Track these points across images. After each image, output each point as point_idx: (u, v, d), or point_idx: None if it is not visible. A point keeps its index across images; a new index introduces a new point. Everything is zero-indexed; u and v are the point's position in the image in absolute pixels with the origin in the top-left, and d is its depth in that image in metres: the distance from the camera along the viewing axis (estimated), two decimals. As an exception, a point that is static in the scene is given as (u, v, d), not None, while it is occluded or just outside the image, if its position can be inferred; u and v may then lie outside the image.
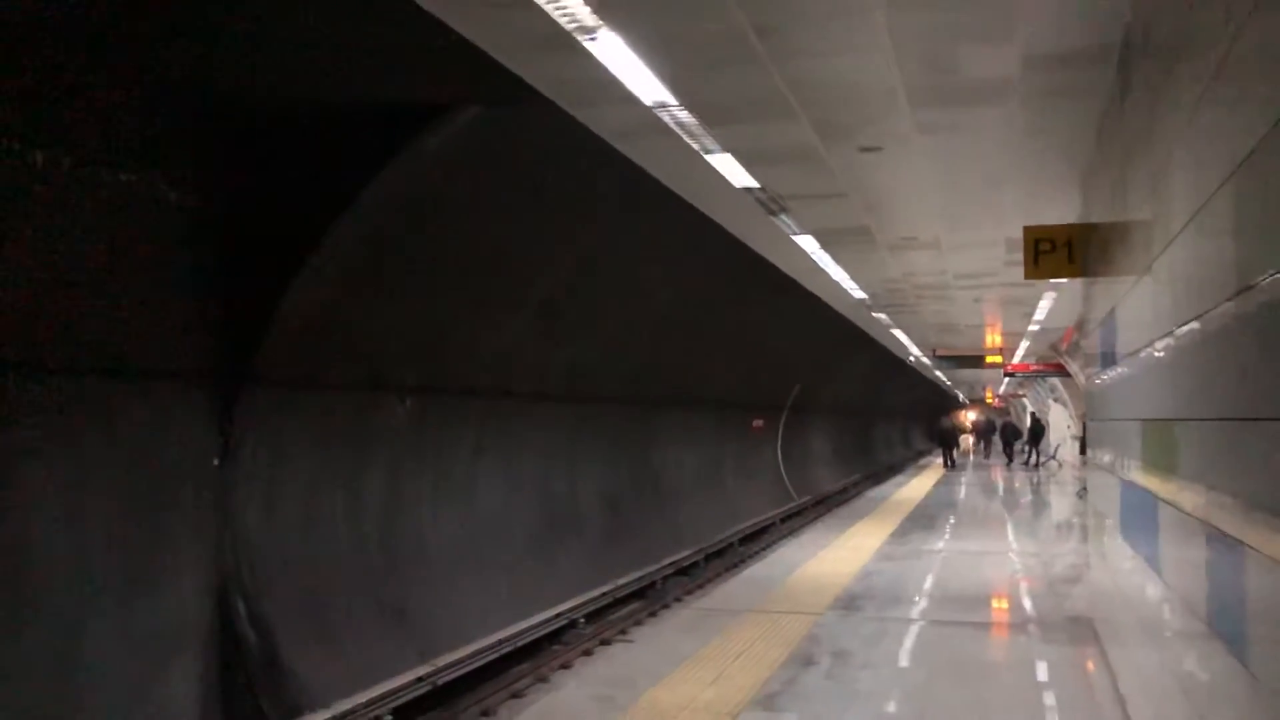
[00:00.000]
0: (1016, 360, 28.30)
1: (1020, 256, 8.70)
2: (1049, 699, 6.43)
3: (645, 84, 6.06)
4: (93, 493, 8.14)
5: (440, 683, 10.25)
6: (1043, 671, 7.08)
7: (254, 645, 9.38)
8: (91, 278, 7.82)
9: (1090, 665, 7.14)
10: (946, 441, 34.93)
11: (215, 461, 9.32)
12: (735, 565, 19.65)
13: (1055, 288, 14.10)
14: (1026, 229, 8.31)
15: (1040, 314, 17.99)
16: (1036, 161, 8.00)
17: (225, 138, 8.76)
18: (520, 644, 12.03)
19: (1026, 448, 34.33)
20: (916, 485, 25.74)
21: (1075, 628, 8.24)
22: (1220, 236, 2.98)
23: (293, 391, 10.01)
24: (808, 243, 11.48)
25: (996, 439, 42.18)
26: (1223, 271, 2.95)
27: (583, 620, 13.73)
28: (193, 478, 9.12)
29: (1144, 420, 4.80)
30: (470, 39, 5.45)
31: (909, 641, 7.96)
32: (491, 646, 11.43)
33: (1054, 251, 8.09)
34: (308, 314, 9.56)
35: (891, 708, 6.21)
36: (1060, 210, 9.25)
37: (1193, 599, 3.66)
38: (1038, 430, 35.17)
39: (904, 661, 7.35)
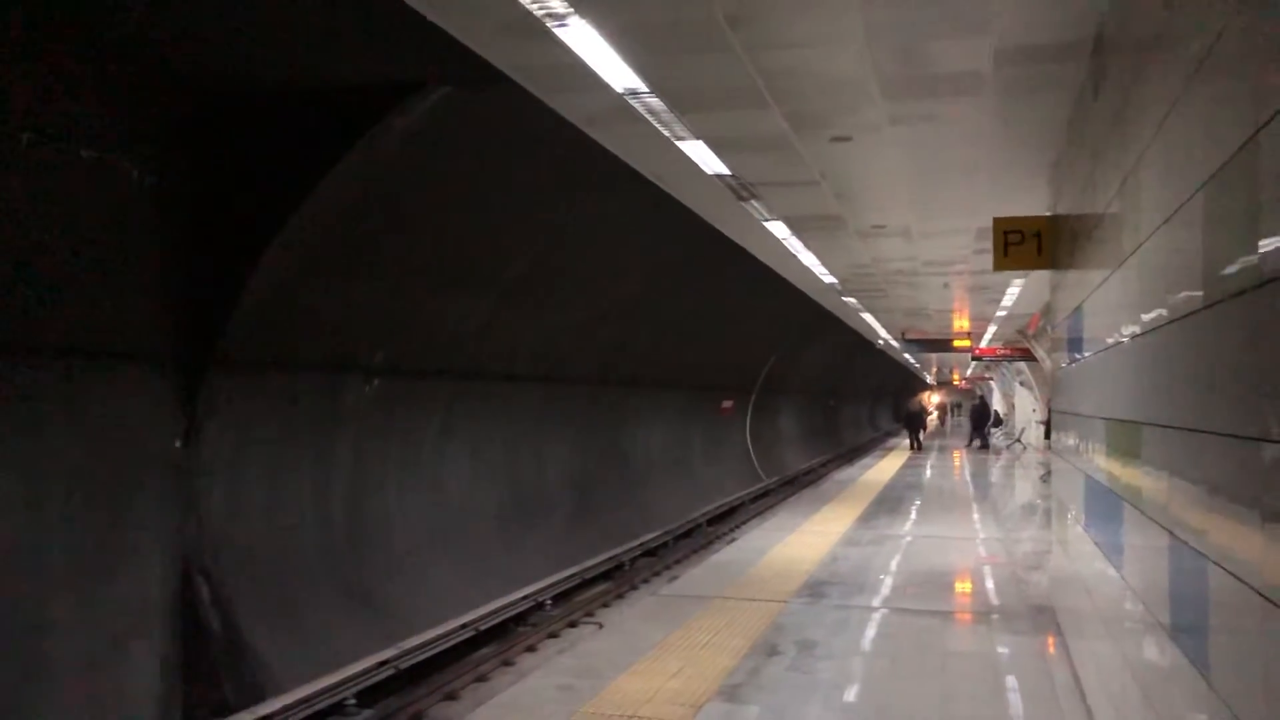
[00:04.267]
0: (984, 344, 28.48)
1: (989, 245, 8.72)
2: (1011, 689, 6.48)
3: (616, 71, 6.00)
4: (52, 475, 8.03)
5: (404, 666, 10.23)
6: (1005, 660, 7.14)
7: (217, 629, 9.32)
8: (50, 257, 7.68)
9: (1051, 655, 7.21)
10: (913, 424, 35.15)
11: (178, 444, 9.22)
12: (703, 547, 19.72)
13: (1023, 275, 14.17)
14: (996, 220, 8.33)
15: (1008, 300, 18.09)
16: (1007, 153, 8.00)
17: (191, 117, 8.63)
18: (487, 626, 12.02)
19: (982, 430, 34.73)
20: (883, 467, 25.90)
21: (1038, 617, 8.31)
22: (1191, 243, 2.98)
23: (257, 373, 9.91)
24: (778, 228, 11.45)
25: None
26: (1191, 278, 2.95)
27: (549, 602, 13.74)
28: (155, 460, 9.03)
29: (1108, 419, 4.83)
30: (439, 23, 5.37)
31: (873, 630, 8.01)
32: (457, 629, 11.41)
33: (1023, 243, 8.11)
34: (273, 295, 9.45)
35: (854, 699, 6.24)
36: (1030, 202, 9.28)
37: (1150, 599, 3.68)
38: (984, 413, 35.65)
39: (868, 651, 7.39)
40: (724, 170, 8.55)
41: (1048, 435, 19.80)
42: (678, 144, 7.68)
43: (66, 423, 8.11)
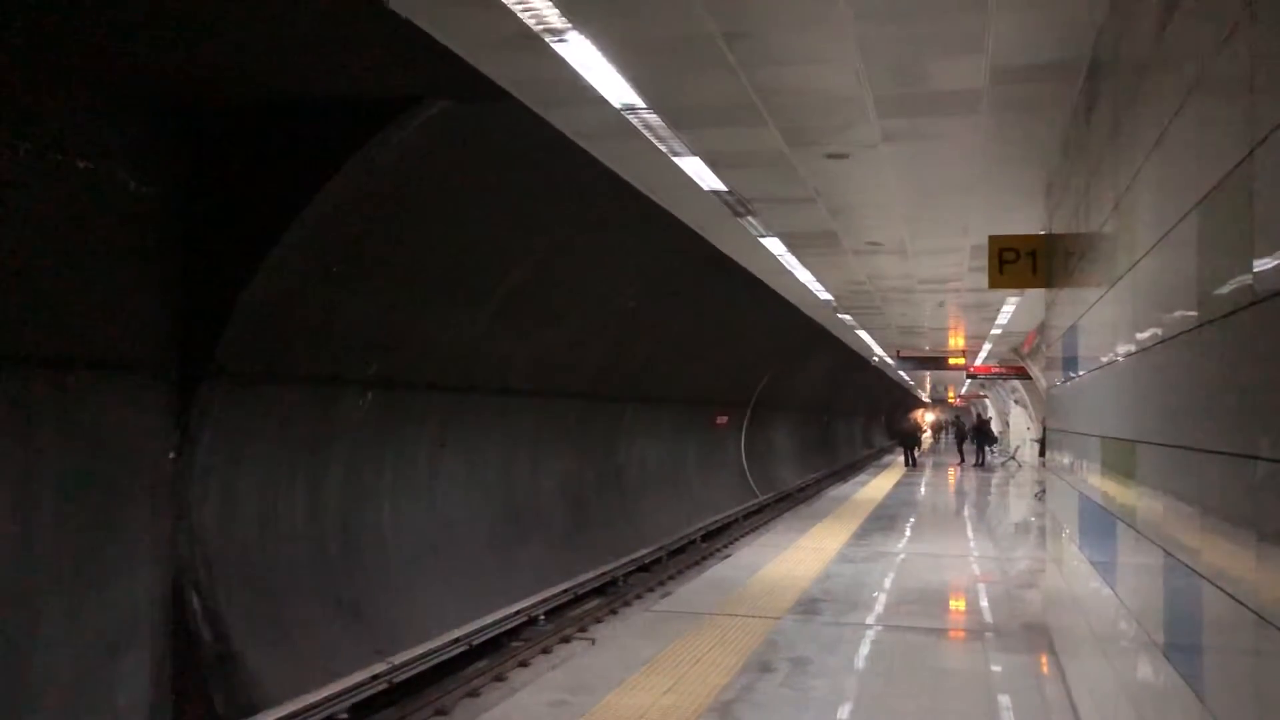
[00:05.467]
0: (979, 362, 28.51)
1: (984, 263, 8.75)
2: (1004, 707, 6.47)
3: (614, 86, 6.02)
4: (44, 485, 8.00)
5: (397, 680, 10.18)
6: (999, 679, 7.12)
7: (208, 642, 9.27)
8: (46, 266, 7.68)
9: (1045, 674, 7.19)
10: (908, 441, 35.21)
11: (171, 455, 9.19)
12: (697, 563, 19.67)
13: (1018, 293, 14.20)
14: (992, 238, 8.35)
15: (1003, 318, 18.13)
16: (1002, 172, 8.04)
17: (189, 128, 8.64)
18: (479, 641, 11.98)
19: (976, 447, 34.83)
20: (878, 484, 25.89)
21: (1032, 635, 8.30)
22: (1185, 263, 2.98)
23: (252, 384, 9.89)
24: (775, 245, 11.49)
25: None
26: (1185, 297, 2.96)
27: (543, 617, 13.70)
28: (148, 471, 8.99)
29: (1102, 437, 4.83)
30: (438, 37, 5.39)
31: (866, 648, 7.99)
32: (449, 644, 11.36)
33: (1018, 261, 8.13)
34: (269, 306, 9.44)
35: (846, 716, 6.22)
36: (1025, 221, 9.31)
37: (1144, 618, 3.68)
38: (981, 430, 35.93)
39: (861, 668, 7.37)
40: (720, 186, 8.58)
41: (1042, 453, 19.82)
42: (675, 160, 7.71)
43: (59, 433, 8.08)
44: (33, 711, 7.75)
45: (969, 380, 37.60)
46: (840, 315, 19.53)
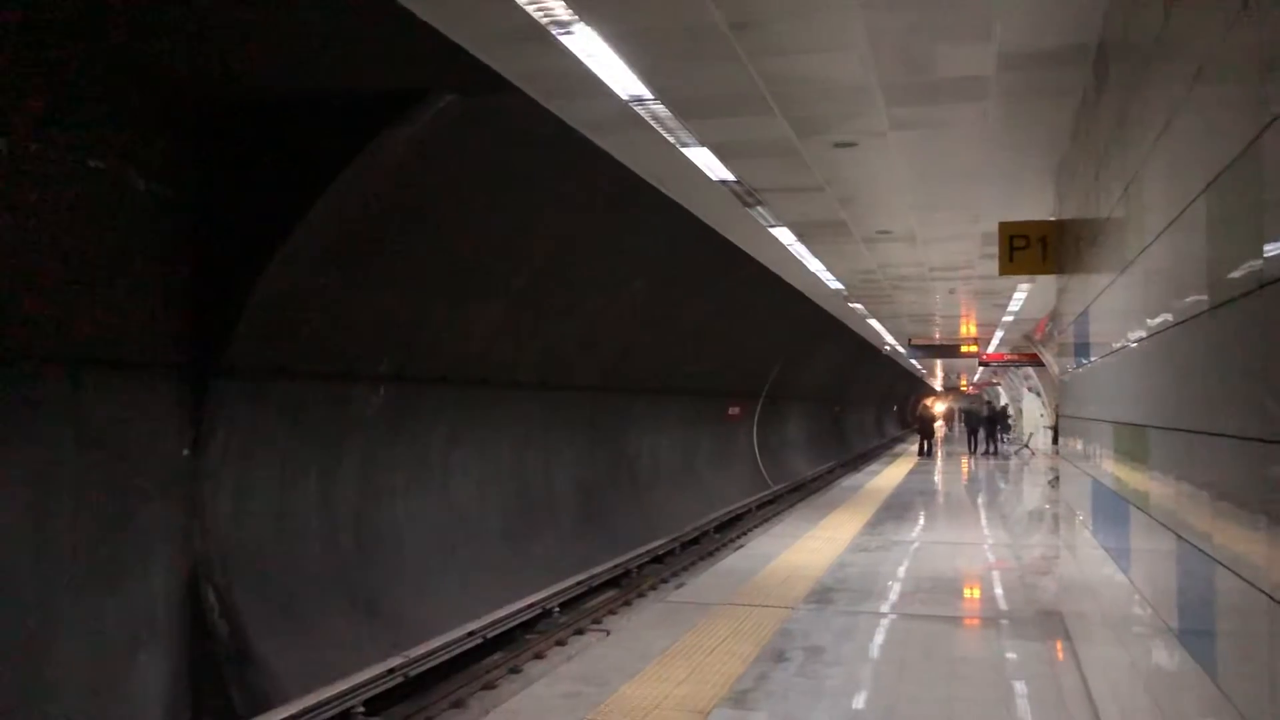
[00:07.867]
0: (991, 350, 28.42)
1: (994, 250, 8.72)
2: (1019, 694, 6.47)
3: (621, 78, 6.02)
4: (60, 483, 8.05)
5: (412, 674, 10.22)
6: (1013, 666, 7.12)
7: (224, 637, 9.33)
8: (58, 265, 7.71)
9: (1060, 661, 7.19)
10: (923, 430, 35.18)
11: (186, 452, 9.24)
12: (711, 554, 19.69)
13: (1030, 280, 14.16)
14: (1002, 225, 8.32)
15: (1015, 305, 18.08)
16: (1011, 158, 8.01)
17: (197, 126, 8.66)
18: (494, 634, 12.01)
19: (987, 436, 34.82)
20: (890, 474, 25.84)
21: (1046, 622, 8.29)
22: (1196, 247, 2.98)
23: (265, 381, 9.94)
24: (784, 234, 11.47)
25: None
26: (1196, 281, 2.95)
27: (557, 609, 13.72)
28: (163, 469, 9.04)
29: (1114, 423, 4.82)
30: (444, 30, 5.39)
31: (880, 636, 7.99)
32: (464, 637, 11.40)
33: (1028, 248, 8.10)
34: (280, 303, 9.48)
35: (861, 704, 6.23)
36: (1035, 207, 9.28)
37: (1158, 603, 3.68)
38: (993, 418, 36.07)
39: (875, 656, 7.37)
40: (729, 176, 8.57)
41: (1056, 440, 19.76)
42: (683, 150, 7.70)
43: (74, 431, 8.13)
44: (52, 707, 7.81)
45: (981, 368, 37.50)
46: (851, 304, 19.50)
